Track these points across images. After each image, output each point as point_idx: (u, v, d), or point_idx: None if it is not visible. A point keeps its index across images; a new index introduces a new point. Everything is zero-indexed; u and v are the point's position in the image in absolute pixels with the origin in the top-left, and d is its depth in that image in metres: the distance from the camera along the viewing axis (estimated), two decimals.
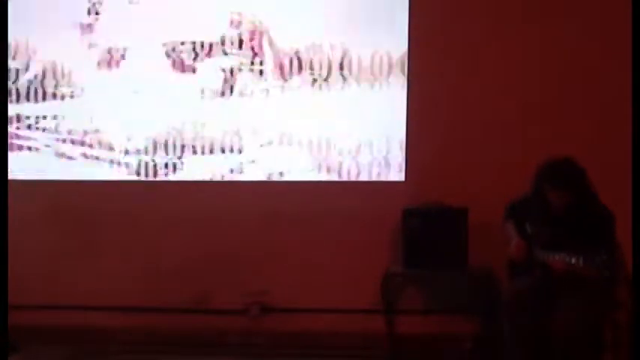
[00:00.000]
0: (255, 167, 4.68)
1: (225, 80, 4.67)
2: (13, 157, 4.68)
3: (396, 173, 4.61)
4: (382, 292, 4.40)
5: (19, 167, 4.77)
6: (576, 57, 4.41)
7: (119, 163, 4.76)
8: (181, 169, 4.72)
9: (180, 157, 4.72)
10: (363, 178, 4.62)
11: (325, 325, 4.52)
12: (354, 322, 4.51)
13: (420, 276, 4.46)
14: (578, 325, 3.30)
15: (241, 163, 4.68)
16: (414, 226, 4.26)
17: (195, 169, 4.71)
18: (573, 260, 3.31)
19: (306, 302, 4.58)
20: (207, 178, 4.70)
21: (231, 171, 4.69)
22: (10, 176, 4.24)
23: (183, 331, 4.60)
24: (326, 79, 4.60)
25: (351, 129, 4.61)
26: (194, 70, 4.69)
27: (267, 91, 4.64)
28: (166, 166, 4.73)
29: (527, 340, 3.45)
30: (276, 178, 4.66)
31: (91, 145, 4.77)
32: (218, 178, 4.69)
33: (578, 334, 3.30)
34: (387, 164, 4.60)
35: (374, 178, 4.62)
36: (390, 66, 4.55)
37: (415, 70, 4.52)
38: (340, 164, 4.62)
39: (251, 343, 4.51)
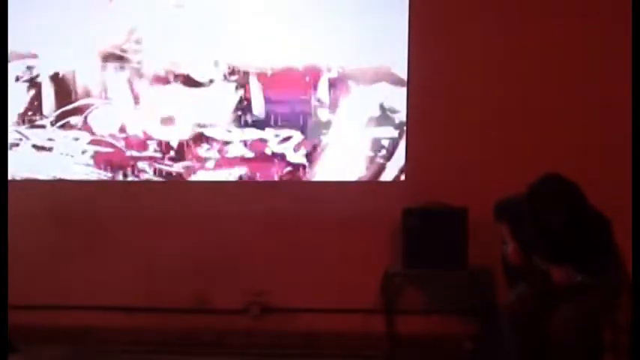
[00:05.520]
0: None
1: None
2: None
3: (396, 173, 4.61)
4: (382, 292, 4.40)
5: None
6: (577, 57, 4.41)
7: None
8: None
9: None
10: (363, 177, 4.63)
11: (325, 325, 4.52)
12: (354, 322, 4.51)
13: (420, 276, 4.46)
14: (576, 325, 3.30)
15: None
16: (414, 226, 4.26)
17: None
18: (579, 278, 3.32)
19: (306, 302, 4.58)
20: None
21: None
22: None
23: (183, 331, 4.60)
24: None
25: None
26: None
27: None
28: None
29: (527, 342, 3.45)
30: None
31: None
32: None
33: (577, 334, 3.30)
34: (387, 164, 4.62)
35: (374, 178, 4.63)
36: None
37: (415, 70, 4.52)
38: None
39: (251, 343, 4.51)
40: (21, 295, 4.20)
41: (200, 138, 4.70)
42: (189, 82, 4.70)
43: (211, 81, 4.68)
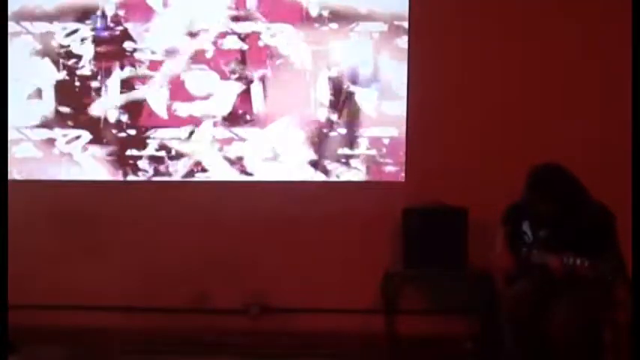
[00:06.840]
0: None
1: None
2: None
3: (396, 173, 4.61)
4: (382, 292, 4.40)
5: None
6: (577, 57, 4.42)
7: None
8: None
9: None
10: (363, 177, 4.63)
11: (325, 325, 4.52)
12: (354, 322, 4.51)
13: (420, 276, 4.46)
14: (576, 325, 3.30)
15: None
16: (414, 226, 4.26)
17: None
18: (578, 261, 3.31)
19: (306, 302, 4.58)
20: None
21: None
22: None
23: (183, 331, 4.59)
24: None
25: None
26: None
27: None
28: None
29: (527, 341, 3.45)
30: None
31: None
32: None
33: (577, 334, 3.30)
34: (387, 164, 4.62)
35: (374, 178, 4.63)
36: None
37: (415, 70, 4.52)
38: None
39: (251, 343, 4.51)
40: (21, 295, 4.19)
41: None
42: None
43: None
